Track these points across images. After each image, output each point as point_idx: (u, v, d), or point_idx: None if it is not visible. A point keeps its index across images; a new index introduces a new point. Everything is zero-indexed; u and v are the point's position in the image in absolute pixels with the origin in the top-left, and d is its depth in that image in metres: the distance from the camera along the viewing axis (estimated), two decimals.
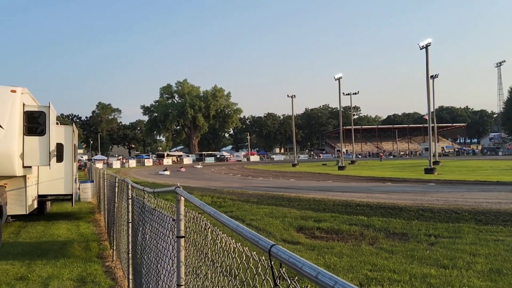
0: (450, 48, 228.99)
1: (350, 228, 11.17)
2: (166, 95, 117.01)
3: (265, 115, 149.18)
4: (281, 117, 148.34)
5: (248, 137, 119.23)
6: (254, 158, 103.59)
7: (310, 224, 11.96)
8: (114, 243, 8.49)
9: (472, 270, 7.01)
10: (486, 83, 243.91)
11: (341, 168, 49.46)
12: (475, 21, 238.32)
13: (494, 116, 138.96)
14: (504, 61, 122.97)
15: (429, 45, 38.95)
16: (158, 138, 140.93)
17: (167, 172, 48.55)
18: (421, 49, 39.36)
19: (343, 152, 66.73)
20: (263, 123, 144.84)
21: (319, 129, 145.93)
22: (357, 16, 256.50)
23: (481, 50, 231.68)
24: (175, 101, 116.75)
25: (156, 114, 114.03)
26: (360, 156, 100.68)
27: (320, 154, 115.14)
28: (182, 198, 3.14)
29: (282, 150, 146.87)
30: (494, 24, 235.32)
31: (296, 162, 65.31)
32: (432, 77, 55.32)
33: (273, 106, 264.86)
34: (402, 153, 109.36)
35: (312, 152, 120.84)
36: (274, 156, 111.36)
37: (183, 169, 54.77)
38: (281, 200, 17.71)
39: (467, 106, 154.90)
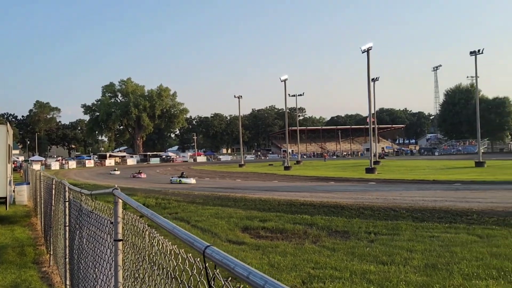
0: (390, 52, 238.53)
1: (294, 227, 11.33)
2: (109, 94, 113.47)
3: (212, 115, 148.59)
4: (228, 118, 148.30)
5: (195, 137, 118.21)
6: (201, 158, 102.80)
7: (255, 224, 12.03)
8: (51, 248, 8.12)
9: (409, 265, 7.31)
10: (423, 87, 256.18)
11: (286, 168, 50.15)
12: (414, 27, 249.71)
13: (431, 118, 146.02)
14: (440, 65, 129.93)
15: (370, 49, 40.36)
16: (100, 138, 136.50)
17: (118, 172, 48.82)
18: (362, 52, 40.70)
19: (289, 153, 67.72)
20: (210, 123, 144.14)
21: (266, 130, 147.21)
22: (302, 18, 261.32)
23: (419, 55, 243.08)
24: (119, 100, 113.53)
25: (98, 114, 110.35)
26: (305, 156, 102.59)
27: (267, 155, 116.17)
28: (120, 201, 3.05)
29: (229, 151, 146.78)
30: (431, 30, 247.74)
31: (243, 163, 65.50)
32: (373, 80, 57.41)
33: (220, 106, 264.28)
34: (345, 153, 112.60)
35: (259, 153, 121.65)
36: (221, 157, 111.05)
37: (143, 175, 40.68)
38: (227, 200, 17.68)
39: (405, 108, 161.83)
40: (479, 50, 45.84)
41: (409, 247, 8.57)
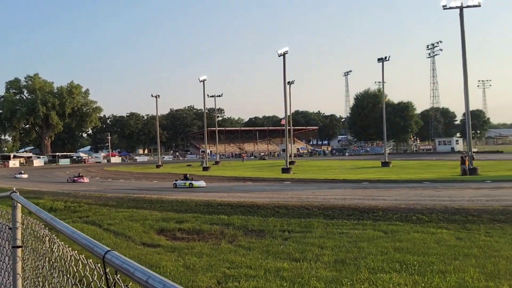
0: (305, 57, 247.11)
1: (211, 227, 11.31)
2: (13, 90, 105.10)
3: (128, 114, 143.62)
4: (145, 117, 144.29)
5: (109, 137, 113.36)
6: (116, 159, 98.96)
7: (171, 225, 11.83)
8: None
9: (320, 261, 7.60)
10: (335, 91, 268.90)
11: (205, 168, 49.91)
12: (327, 33, 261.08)
13: (342, 120, 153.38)
14: (351, 71, 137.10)
15: (286, 53, 41.50)
16: (3, 137, 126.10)
17: (25, 176, 43.89)
18: (279, 56, 41.71)
19: (208, 153, 67.49)
20: (125, 122, 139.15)
21: (184, 130, 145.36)
22: (221, 19, 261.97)
23: (332, 60, 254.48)
24: (24, 97, 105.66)
25: (1, 111, 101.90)
26: (223, 157, 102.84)
27: (185, 155, 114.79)
28: (19, 205, 2.83)
29: (146, 151, 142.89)
30: (344, 35, 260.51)
31: (160, 163, 64.12)
32: (289, 83, 59.04)
33: (137, 105, 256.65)
34: (262, 153, 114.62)
35: (177, 153, 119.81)
36: (137, 157, 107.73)
37: (85, 180, 33.07)
38: (143, 202, 17.20)
39: (319, 111, 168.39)
40: (385, 57, 48.98)
41: (320, 244, 8.92)
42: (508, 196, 15.48)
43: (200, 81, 57.14)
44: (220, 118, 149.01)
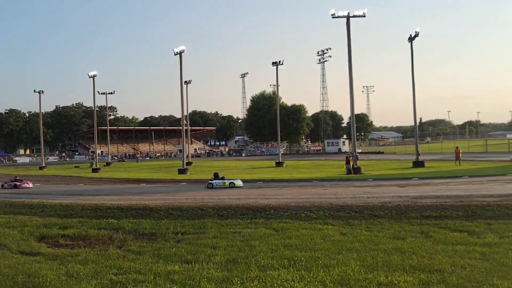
0: (203, 57, 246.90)
1: (98, 232, 10.70)
2: None
3: (7, 111, 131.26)
4: (27, 115, 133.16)
5: None
6: None
7: (54, 232, 10.98)
8: None
9: (212, 262, 7.56)
10: (233, 92, 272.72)
11: (95, 170, 47.48)
12: (226, 36, 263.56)
13: (239, 121, 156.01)
14: (247, 73, 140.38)
15: (183, 52, 41.05)
16: None
17: None
18: (175, 55, 41.09)
19: (98, 154, 64.17)
20: (4, 120, 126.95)
21: (72, 129, 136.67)
22: (112, 14, 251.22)
23: (229, 61, 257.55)
24: None
25: None
26: (116, 158, 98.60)
27: (73, 156, 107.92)
28: None
29: (28, 151, 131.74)
30: (241, 38, 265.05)
31: (44, 165, 59.63)
32: (186, 82, 58.49)
33: (17, 101, 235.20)
34: (158, 154, 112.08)
35: (63, 154, 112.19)
36: (17, 158, 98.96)
37: (29, 184, 27.48)
38: (21, 207, 15.78)
39: (217, 112, 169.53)
40: (280, 61, 50.77)
41: (213, 244, 8.89)
42: (387, 193, 16.88)
43: (89, 77, 54.19)
44: (112, 117, 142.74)
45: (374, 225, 10.58)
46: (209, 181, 22.89)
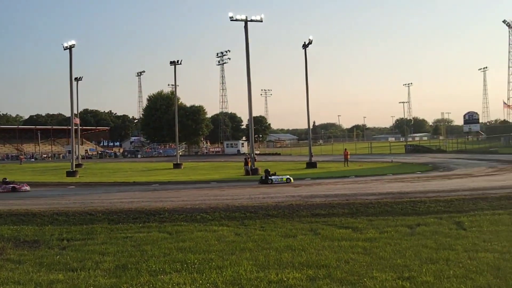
0: (96, 53, 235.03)
1: None
2: None
3: None
4: None
5: None
6: None
7: None
8: None
9: (100, 269, 7.16)
10: (128, 91, 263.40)
11: None
12: (118, 30, 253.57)
13: (135, 121, 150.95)
14: (144, 71, 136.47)
15: (73, 47, 38.75)
16: None
17: None
18: (65, 49, 38.60)
19: None
20: None
21: None
22: None
23: (125, 59, 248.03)
24: None
25: None
26: None
27: None
28: None
29: None
30: (137, 35, 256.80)
31: None
32: (77, 79, 55.17)
33: None
34: (45, 155, 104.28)
35: None
36: None
37: (26, 187, 22.71)
38: None
39: (110, 111, 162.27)
40: (178, 61, 50.18)
41: (102, 250, 8.44)
42: (281, 193, 17.46)
43: None
44: None
45: (268, 225, 10.85)
46: (268, 177, 23.06)
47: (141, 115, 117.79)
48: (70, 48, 38.75)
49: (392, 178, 24.86)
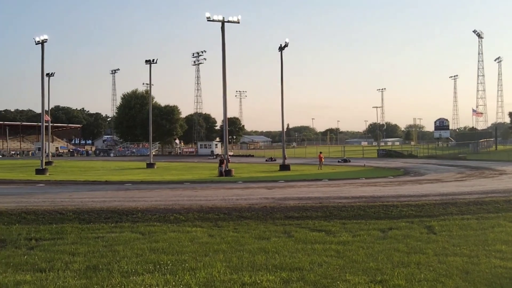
0: (69, 49, 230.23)
1: None
2: None
3: None
4: None
5: None
6: None
7: None
8: None
9: (70, 270, 6.99)
10: (102, 88, 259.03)
11: None
12: (92, 27, 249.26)
13: (108, 119, 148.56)
14: (118, 69, 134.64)
15: (46, 41, 37.90)
16: None
17: None
18: (36, 44, 37.71)
19: None
20: None
21: None
22: None
23: (99, 56, 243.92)
24: None
25: None
26: None
27: None
28: None
29: None
30: (111, 32, 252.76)
31: None
32: (48, 75, 53.96)
33: None
34: (13, 152, 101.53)
35: None
36: None
37: None
38: None
39: (83, 108, 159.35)
40: (153, 60, 49.70)
41: (72, 251, 8.24)
42: (255, 195, 17.46)
43: None
44: None
45: (241, 226, 10.82)
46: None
47: (115, 114, 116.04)
48: (42, 42, 37.84)
49: (365, 182, 25.19)
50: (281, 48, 39.59)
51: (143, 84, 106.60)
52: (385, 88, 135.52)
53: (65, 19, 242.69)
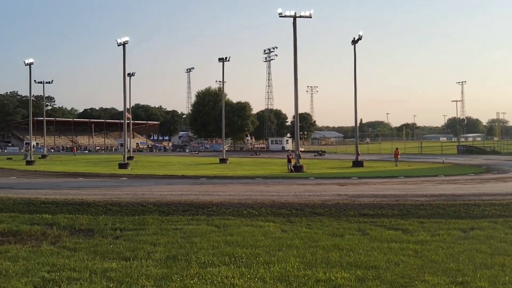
0: (148, 50, 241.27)
1: (31, 228, 10.14)
2: None
3: None
4: None
5: None
6: None
7: None
8: None
9: (151, 259, 7.38)
10: (178, 87, 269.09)
11: (29, 162, 45.19)
12: (169, 27, 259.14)
13: (184, 116, 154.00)
14: (193, 68, 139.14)
15: (127, 43, 39.99)
16: None
17: None
18: (118, 45, 39.91)
19: (33, 146, 61.09)
20: None
21: (5, 119, 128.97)
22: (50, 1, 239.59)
23: (175, 56, 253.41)
24: None
25: None
26: (53, 150, 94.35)
27: (6, 147, 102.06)
28: None
29: None
30: (187, 32, 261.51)
31: None
32: (129, 75, 56.94)
33: None
34: (98, 147, 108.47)
35: None
36: None
37: None
38: None
39: (161, 106, 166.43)
40: (226, 58, 50.61)
41: (153, 241, 8.70)
42: (327, 191, 17.31)
43: (26, 64, 51.32)
44: (49, 107, 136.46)
45: (314, 223, 10.79)
46: None
47: (190, 111, 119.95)
48: (124, 44, 40.04)
49: (444, 180, 24.04)
50: (354, 42, 38.75)
51: (216, 81, 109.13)
52: (465, 81, 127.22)
53: (145, 22, 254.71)
